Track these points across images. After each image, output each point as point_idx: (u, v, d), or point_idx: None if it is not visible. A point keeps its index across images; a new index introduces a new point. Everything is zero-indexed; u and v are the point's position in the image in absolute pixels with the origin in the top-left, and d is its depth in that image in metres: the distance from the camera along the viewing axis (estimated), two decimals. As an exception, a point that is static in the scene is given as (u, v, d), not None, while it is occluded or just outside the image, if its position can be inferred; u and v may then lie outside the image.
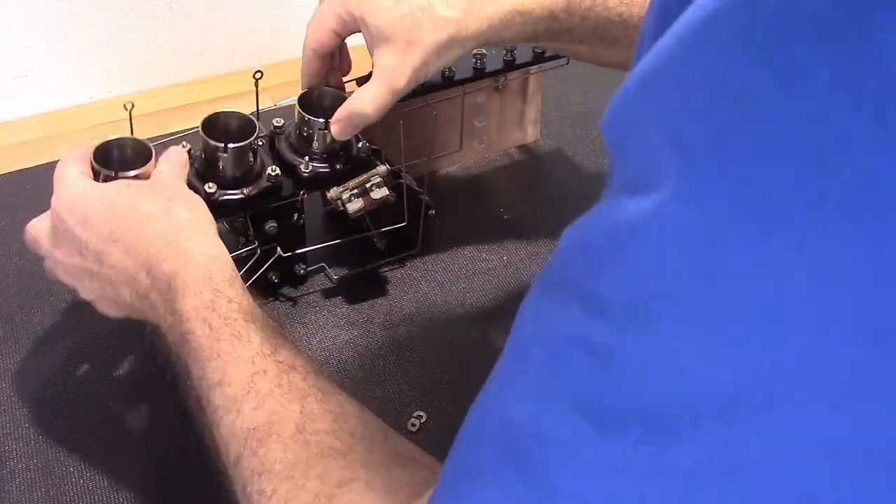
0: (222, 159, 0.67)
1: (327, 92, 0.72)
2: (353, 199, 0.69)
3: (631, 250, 0.29)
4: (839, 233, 0.25)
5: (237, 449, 0.48)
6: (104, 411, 0.67)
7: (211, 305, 0.54)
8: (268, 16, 1.03)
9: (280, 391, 0.49)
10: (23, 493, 0.62)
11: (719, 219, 0.27)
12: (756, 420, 0.28)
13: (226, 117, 0.70)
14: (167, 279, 0.56)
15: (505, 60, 0.78)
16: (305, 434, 0.46)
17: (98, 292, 0.61)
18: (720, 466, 0.28)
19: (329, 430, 0.47)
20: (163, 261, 0.57)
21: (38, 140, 0.94)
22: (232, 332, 0.52)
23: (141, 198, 0.60)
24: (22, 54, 0.94)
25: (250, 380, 0.50)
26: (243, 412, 0.49)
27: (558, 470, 0.31)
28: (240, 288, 0.56)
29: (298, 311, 0.75)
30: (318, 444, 0.46)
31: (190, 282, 0.55)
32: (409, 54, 0.63)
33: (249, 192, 0.68)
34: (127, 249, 0.58)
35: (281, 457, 0.46)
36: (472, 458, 0.35)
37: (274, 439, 0.46)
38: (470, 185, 0.88)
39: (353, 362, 0.72)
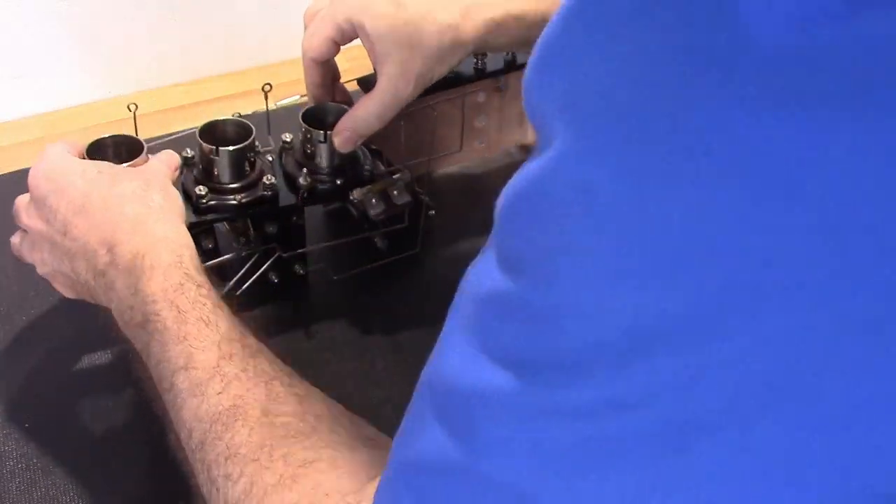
0: (215, 163, 0.67)
1: (331, 107, 0.72)
2: (376, 202, 0.69)
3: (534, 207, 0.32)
4: (704, 183, 0.27)
5: (201, 433, 0.48)
6: (105, 411, 0.67)
7: (179, 289, 0.54)
8: (268, 15, 1.03)
9: (246, 375, 0.49)
10: (23, 493, 0.62)
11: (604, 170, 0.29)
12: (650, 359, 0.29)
13: (224, 124, 0.70)
14: (132, 258, 0.56)
15: (506, 61, 0.79)
16: (271, 416, 0.46)
17: (55, 266, 0.61)
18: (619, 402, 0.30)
19: (294, 413, 0.47)
20: (129, 240, 0.56)
21: (38, 140, 0.94)
22: (199, 316, 0.52)
23: (120, 179, 0.60)
24: (21, 54, 0.93)
25: (216, 364, 0.50)
26: (208, 396, 0.48)
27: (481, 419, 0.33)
28: (207, 278, 0.56)
29: (298, 312, 0.75)
30: (283, 425, 0.46)
31: (157, 264, 0.55)
32: (412, 61, 0.63)
33: (242, 198, 0.68)
34: (94, 224, 0.58)
35: (246, 440, 0.46)
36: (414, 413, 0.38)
37: (240, 423, 0.46)
38: (470, 185, 0.88)
39: (352, 362, 0.71)
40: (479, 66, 0.78)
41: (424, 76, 0.64)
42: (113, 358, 0.71)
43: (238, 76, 1.03)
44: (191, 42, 1.00)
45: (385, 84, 0.64)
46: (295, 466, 0.44)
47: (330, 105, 0.72)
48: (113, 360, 0.71)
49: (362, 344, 0.73)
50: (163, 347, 0.52)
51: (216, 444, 0.47)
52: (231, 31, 1.02)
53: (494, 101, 0.86)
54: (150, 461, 0.64)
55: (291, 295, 0.76)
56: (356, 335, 0.74)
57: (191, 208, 0.68)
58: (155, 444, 0.65)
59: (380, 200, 0.70)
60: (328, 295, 0.77)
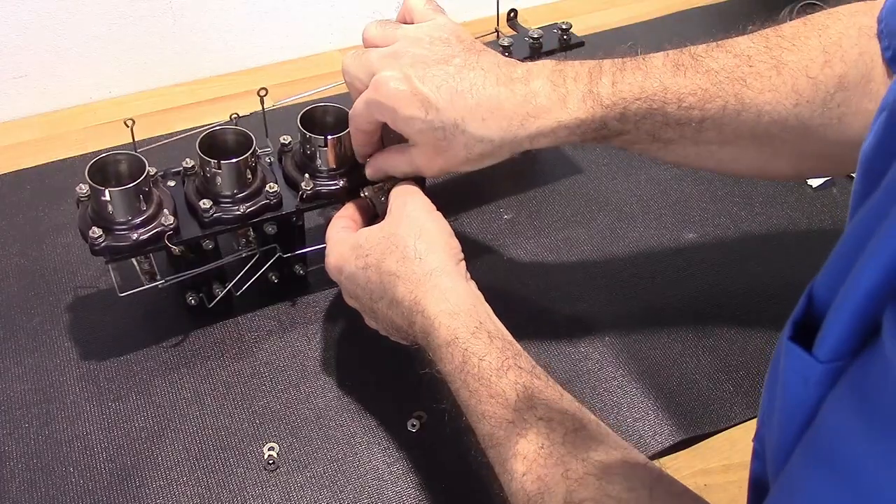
0: (218, 175, 0.67)
1: (329, 108, 0.72)
2: (385, 199, 0.69)
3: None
4: None
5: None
6: (104, 411, 0.67)
7: (462, 367, 0.54)
8: (268, 16, 1.03)
9: (543, 454, 0.49)
10: (23, 493, 0.62)
11: None
12: None
13: (223, 133, 0.70)
14: (425, 339, 0.58)
15: (504, 59, 0.78)
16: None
17: (383, 331, 0.65)
18: None
19: (595, 499, 0.46)
20: (415, 321, 0.58)
21: (38, 140, 0.94)
22: (489, 393, 0.53)
23: (384, 258, 0.61)
24: (22, 54, 0.94)
25: (516, 442, 0.50)
26: (514, 476, 0.50)
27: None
28: (485, 337, 0.55)
29: (298, 312, 0.75)
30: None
31: (439, 345, 0.56)
32: (437, 161, 0.65)
33: (247, 208, 0.68)
34: (389, 305, 0.60)
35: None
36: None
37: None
38: (470, 185, 0.88)
39: (353, 362, 0.72)
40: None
41: (449, 170, 0.66)
42: (114, 359, 0.71)
43: (238, 76, 1.03)
44: (190, 42, 1.00)
45: (409, 162, 0.66)
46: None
47: (329, 106, 0.72)
48: (114, 361, 0.71)
49: (362, 344, 0.73)
50: (471, 421, 0.54)
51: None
52: (231, 31, 1.02)
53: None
54: (151, 461, 0.64)
55: (291, 295, 0.76)
56: (356, 335, 0.74)
57: (196, 222, 0.68)
58: (156, 443, 0.65)
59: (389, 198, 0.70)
60: (328, 295, 0.77)
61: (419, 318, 0.57)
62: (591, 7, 1.19)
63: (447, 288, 0.58)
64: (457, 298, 0.57)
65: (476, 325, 0.56)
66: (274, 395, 0.69)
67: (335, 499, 0.62)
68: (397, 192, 0.66)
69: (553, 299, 0.77)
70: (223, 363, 0.71)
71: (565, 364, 0.72)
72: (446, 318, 0.56)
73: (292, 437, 0.66)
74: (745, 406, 0.69)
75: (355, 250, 0.63)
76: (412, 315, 0.58)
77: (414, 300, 0.58)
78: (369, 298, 0.62)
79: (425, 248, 0.60)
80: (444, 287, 0.58)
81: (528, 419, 0.51)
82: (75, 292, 0.76)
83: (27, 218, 0.84)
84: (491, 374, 0.53)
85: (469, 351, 0.54)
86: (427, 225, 0.62)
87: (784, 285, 0.78)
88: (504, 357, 0.54)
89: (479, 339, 0.55)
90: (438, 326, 0.56)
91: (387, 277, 0.60)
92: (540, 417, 0.51)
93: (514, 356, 0.54)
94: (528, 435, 0.50)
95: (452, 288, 0.58)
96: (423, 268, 0.59)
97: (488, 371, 0.53)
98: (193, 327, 0.73)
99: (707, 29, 1.16)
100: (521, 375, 0.53)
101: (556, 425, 0.50)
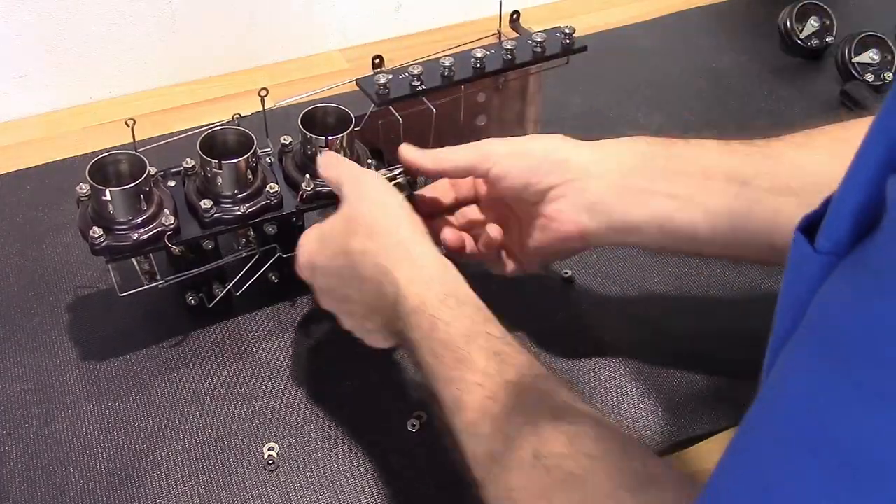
0: (218, 175, 0.67)
1: (330, 109, 0.72)
2: None
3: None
4: None
5: (481, 473, 0.49)
6: (104, 411, 0.67)
7: (430, 334, 0.54)
8: (268, 16, 1.03)
9: (513, 414, 0.49)
10: (23, 493, 0.62)
11: None
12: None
13: (224, 133, 0.70)
14: (395, 310, 0.57)
15: (505, 60, 0.78)
16: (542, 460, 0.46)
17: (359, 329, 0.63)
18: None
19: (565, 454, 0.46)
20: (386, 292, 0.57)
21: (38, 140, 0.94)
22: (456, 358, 0.52)
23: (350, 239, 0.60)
24: (22, 54, 0.94)
25: (482, 404, 0.50)
26: (480, 438, 0.49)
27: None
28: (453, 302, 0.55)
29: (298, 312, 0.75)
30: (555, 469, 0.45)
31: (407, 313, 0.55)
32: None
33: (247, 208, 0.68)
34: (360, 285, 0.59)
35: (523, 484, 0.46)
36: (791, 475, 0.31)
37: (514, 467, 0.47)
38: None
39: (353, 362, 0.72)
40: (479, 65, 0.78)
41: None
42: (114, 359, 0.71)
43: (238, 76, 1.03)
44: (190, 42, 1.00)
45: None
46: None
47: (330, 107, 0.72)
48: (114, 361, 0.71)
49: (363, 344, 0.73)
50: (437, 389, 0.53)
51: (495, 485, 0.47)
52: (231, 31, 1.02)
53: (494, 101, 0.86)
54: (151, 461, 0.64)
55: (291, 295, 0.76)
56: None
57: (197, 222, 0.68)
58: (156, 443, 0.65)
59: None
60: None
61: (390, 289, 0.57)
62: (591, 7, 1.19)
63: (416, 255, 0.57)
64: (425, 265, 0.57)
65: (445, 292, 0.55)
66: (274, 395, 0.69)
67: (335, 499, 0.62)
68: (350, 175, 0.64)
69: (553, 300, 0.77)
70: (223, 363, 0.71)
71: (565, 364, 0.72)
72: (415, 286, 0.56)
73: (292, 437, 0.66)
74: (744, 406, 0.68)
75: (321, 242, 0.62)
76: (383, 287, 0.57)
77: (383, 271, 0.57)
78: (342, 286, 0.61)
79: (390, 221, 0.60)
80: (414, 254, 0.57)
81: (498, 382, 0.50)
82: (75, 292, 0.76)
83: (27, 218, 0.84)
84: (459, 339, 0.53)
85: (437, 317, 0.54)
86: (388, 200, 0.61)
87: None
88: (472, 323, 0.54)
89: (447, 306, 0.54)
90: (407, 294, 0.55)
91: (356, 257, 0.59)
92: (509, 380, 0.50)
93: (483, 322, 0.54)
94: (496, 397, 0.49)
95: (421, 254, 0.58)
96: (391, 239, 0.58)
97: (456, 337, 0.53)
98: (193, 327, 0.73)
99: (707, 29, 1.16)
100: (490, 341, 0.53)
101: (526, 388, 0.50)
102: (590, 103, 1.00)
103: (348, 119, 0.71)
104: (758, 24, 1.14)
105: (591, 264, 0.80)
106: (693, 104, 1.01)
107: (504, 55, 0.78)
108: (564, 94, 1.00)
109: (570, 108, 0.99)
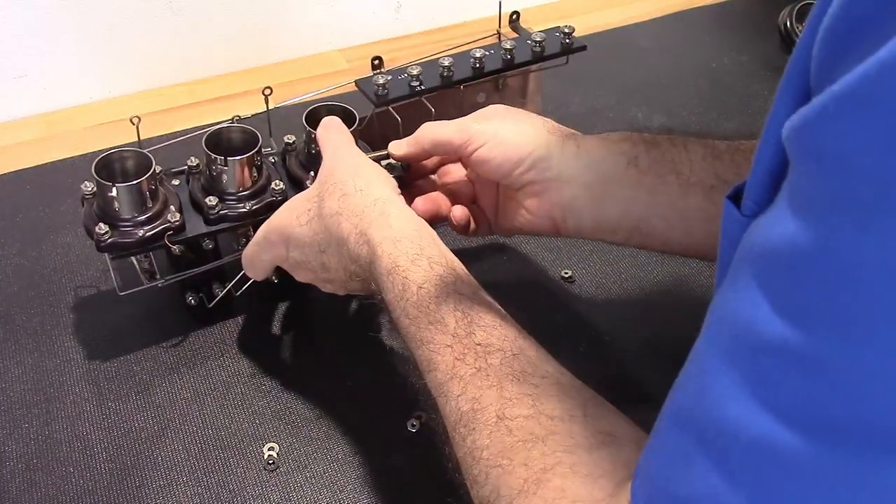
0: (224, 172, 0.67)
1: (334, 107, 0.72)
2: None
3: (839, 272, 0.29)
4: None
5: (450, 431, 0.50)
6: (104, 411, 0.67)
7: (402, 295, 0.54)
8: (268, 16, 1.03)
9: (480, 375, 0.49)
10: (23, 493, 0.62)
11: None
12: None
13: (229, 132, 0.70)
14: (370, 270, 0.57)
15: (504, 60, 0.78)
16: (506, 420, 0.47)
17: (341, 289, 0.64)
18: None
19: (528, 415, 0.47)
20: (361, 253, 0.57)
21: (38, 140, 0.94)
22: (428, 320, 0.53)
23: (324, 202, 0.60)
24: (22, 54, 0.94)
25: (452, 365, 0.51)
26: (450, 398, 0.50)
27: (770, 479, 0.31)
28: (425, 263, 0.55)
29: (298, 311, 0.75)
30: (518, 429, 0.46)
31: (381, 274, 0.56)
32: None
33: (253, 206, 0.68)
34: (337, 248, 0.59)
35: (487, 443, 0.47)
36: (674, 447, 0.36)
37: (479, 427, 0.48)
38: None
39: (353, 362, 0.72)
40: (478, 65, 0.78)
41: None
42: (114, 359, 0.71)
43: (238, 76, 1.03)
44: (190, 42, 1.00)
45: None
46: (537, 472, 0.44)
47: (334, 105, 0.72)
48: (114, 361, 0.71)
49: (362, 343, 0.73)
50: (412, 350, 0.54)
51: (462, 445, 0.48)
52: (231, 31, 1.02)
53: (493, 101, 0.86)
54: (151, 461, 0.64)
55: (291, 295, 0.76)
56: (356, 335, 0.74)
57: (201, 219, 0.68)
58: (156, 443, 0.65)
59: None
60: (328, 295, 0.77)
61: (364, 249, 0.57)
62: (591, 7, 1.19)
63: (391, 214, 0.58)
64: (400, 224, 0.57)
65: (417, 252, 0.55)
66: (274, 395, 0.69)
67: (335, 499, 0.62)
68: (333, 141, 0.65)
69: (552, 300, 0.77)
70: (223, 363, 0.71)
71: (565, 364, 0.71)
72: (388, 246, 0.56)
73: (292, 437, 0.66)
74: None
75: (293, 210, 0.62)
76: (358, 248, 0.57)
77: (359, 232, 0.57)
78: (318, 252, 0.61)
79: (365, 182, 0.60)
80: (388, 214, 0.58)
81: (467, 343, 0.51)
82: (75, 292, 0.76)
83: (27, 218, 0.84)
84: (430, 301, 0.53)
85: (409, 279, 0.54)
86: (360, 161, 0.62)
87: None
88: (444, 284, 0.54)
89: (419, 266, 0.55)
90: (381, 254, 0.56)
91: (330, 220, 0.59)
92: (478, 342, 0.51)
93: (454, 282, 0.54)
94: (465, 359, 0.50)
95: (396, 214, 0.58)
96: (366, 199, 0.59)
97: (427, 298, 0.53)
98: (193, 327, 0.74)
99: (707, 29, 1.16)
100: (460, 302, 0.53)
101: (493, 350, 0.50)
102: (590, 103, 1.00)
103: (353, 117, 0.71)
104: (758, 24, 1.14)
105: (591, 264, 0.80)
106: (693, 104, 1.01)
107: (503, 55, 0.78)
108: (564, 94, 1.00)
109: (569, 108, 0.99)
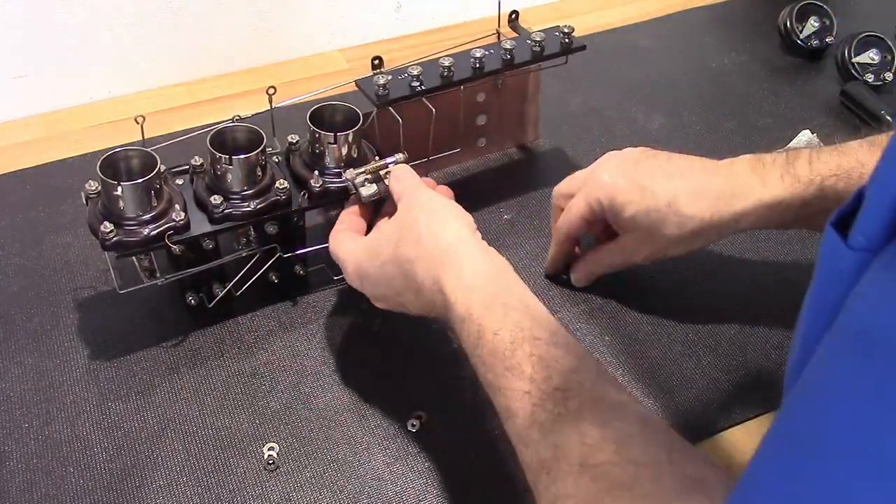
0: (229, 171, 0.67)
1: (338, 107, 0.72)
2: (367, 183, 0.69)
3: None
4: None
5: (532, 479, 0.50)
6: (104, 411, 0.67)
7: (478, 343, 0.54)
8: (268, 16, 1.03)
9: (560, 422, 0.49)
10: (23, 493, 0.62)
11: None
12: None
13: (233, 131, 0.70)
14: (446, 315, 0.58)
15: (504, 60, 0.78)
16: (589, 469, 0.46)
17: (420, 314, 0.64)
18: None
19: (611, 462, 0.46)
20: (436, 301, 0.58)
21: (38, 140, 0.94)
22: (504, 366, 0.53)
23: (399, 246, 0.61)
24: (22, 54, 0.94)
25: (531, 412, 0.50)
26: (530, 446, 0.50)
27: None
28: (499, 309, 0.55)
29: (298, 312, 0.75)
30: (602, 477, 0.46)
31: (455, 321, 0.56)
32: (649, 243, 0.71)
33: (257, 205, 0.68)
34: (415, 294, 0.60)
35: (570, 493, 0.46)
36: None
37: (561, 476, 0.47)
38: (470, 185, 0.88)
39: (353, 362, 0.72)
40: (478, 65, 0.78)
41: (658, 255, 0.72)
42: (114, 359, 0.71)
43: (238, 76, 1.03)
44: (190, 42, 1.00)
45: (621, 250, 0.73)
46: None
47: (338, 105, 0.72)
48: (114, 361, 0.71)
49: (362, 344, 0.73)
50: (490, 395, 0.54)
51: (545, 495, 0.48)
52: (231, 31, 1.02)
53: (493, 101, 0.86)
54: (151, 461, 0.64)
55: (291, 295, 0.76)
56: (356, 335, 0.74)
57: (206, 218, 0.68)
58: (156, 443, 0.65)
59: (373, 182, 0.69)
60: (328, 295, 0.77)
61: (439, 297, 0.57)
62: (591, 7, 1.19)
63: (465, 261, 0.58)
64: (473, 271, 0.57)
65: (491, 298, 0.56)
66: (274, 395, 0.69)
67: (335, 499, 0.62)
68: (409, 186, 0.65)
69: (552, 300, 0.77)
70: (223, 363, 0.71)
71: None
72: (462, 294, 0.56)
73: (292, 437, 0.66)
74: (744, 406, 0.69)
75: (369, 252, 0.63)
76: (434, 295, 0.58)
77: (433, 279, 0.58)
78: (395, 294, 0.62)
79: (439, 226, 0.60)
80: (462, 261, 0.58)
81: (545, 389, 0.50)
82: (75, 292, 0.76)
83: (27, 218, 0.84)
84: (505, 348, 0.53)
85: (483, 326, 0.54)
86: (435, 204, 0.62)
87: (785, 285, 0.78)
88: (519, 329, 0.54)
89: (494, 313, 0.55)
90: (455, 302, 0.56)
91: (405, 265, 0.60)
92: (556, 387, 0.50)
93: (530, 327, 0.54)
94: (544, 405, 0.50)
95: (470, 260, 0.58)
96: (440, 245, 0.59)
97: (502, 346, 0.53)
98: (193, 327, 0.73)
99: (707, 29, 1.16)
100: (536, 346, 0.53)
101: (572, 394, 0.50)
102: (590, 103, 1.00)
103: (356, 117, 0.71)
104: (758, 24, 1.14)
105: (591, 264, 0.80)
106: (693, 104, 1.01)
107: (503, 55, 0.78)
108: (564, 94, 1.00)
109: (569, 108, 0.99)
